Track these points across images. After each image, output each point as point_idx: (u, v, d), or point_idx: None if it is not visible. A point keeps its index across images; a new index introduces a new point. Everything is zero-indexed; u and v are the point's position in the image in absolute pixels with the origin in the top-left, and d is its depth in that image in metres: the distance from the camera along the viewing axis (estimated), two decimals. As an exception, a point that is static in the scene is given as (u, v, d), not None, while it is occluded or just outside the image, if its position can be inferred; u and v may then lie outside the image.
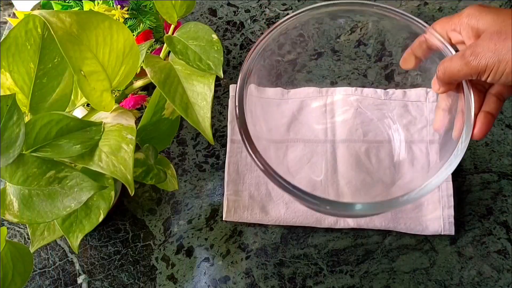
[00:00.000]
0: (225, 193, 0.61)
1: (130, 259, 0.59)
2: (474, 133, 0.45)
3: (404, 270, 0.58)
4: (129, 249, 0.59)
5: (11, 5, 0.74)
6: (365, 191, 0.61)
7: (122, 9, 0.58)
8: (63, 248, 0.59)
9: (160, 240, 0.60)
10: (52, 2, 0.60)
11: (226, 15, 0.74)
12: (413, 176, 0.59)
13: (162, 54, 0.48)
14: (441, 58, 0.47)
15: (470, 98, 0.47)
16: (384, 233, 0.59)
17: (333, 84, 0.66)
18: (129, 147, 0.40)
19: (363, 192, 0.61)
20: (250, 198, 0.61)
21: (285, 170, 0.62)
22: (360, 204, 0.47)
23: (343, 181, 0.61)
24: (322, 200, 0.47)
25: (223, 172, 0.63)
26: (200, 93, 0.44)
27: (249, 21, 0.73)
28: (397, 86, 0.64)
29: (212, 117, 0.62)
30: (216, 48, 0.45)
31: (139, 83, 0.47)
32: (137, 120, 0.53)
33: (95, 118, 0.44)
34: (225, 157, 0.63)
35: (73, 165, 0.42)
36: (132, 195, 0.42)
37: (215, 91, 0.68)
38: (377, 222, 0.58)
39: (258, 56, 0.53)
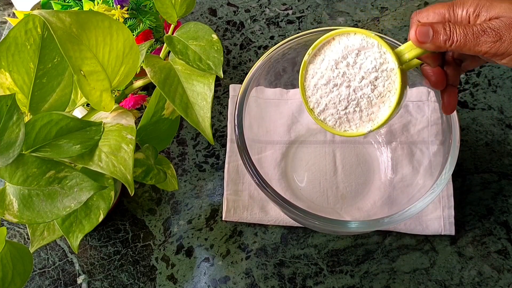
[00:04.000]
0: (225, 193, 0.61)
1: (130, 259, 0.59)
2: (445, 110, 0.46)
3: (404, 270, 0.58)
4: (129, 249, 0.59)
5: (11, 5, 0.74)
6: (365, 195, 0.61)
7: (122, 8, 0.57)
8: (63, 248, 0.59)
9: (160, 240, 0.60)
10: (51, 1, 0.60)
11: (226, 15, 0.74)
12: (414, 178, 0.59)
13: (162, 54, 0.48)
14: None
15: (457, 133, 0.50)
16: (384, 233, 0.59)
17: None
18: (129, 147, 0.40)
19: (362, 196, 0.61)
20: (250, 198, 0.61)
21: (282, 172, 0.62)
22: (354, 222, 0.48)
23: (343, 184, 0.61)
24: (315, 217, 0.48)
25: (223, 172, 0.62)
26: (200, 93, 0.44)
27: (249, 21, 0.73)
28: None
29: (212, 117, 0.62)
30: (216, 48, 0.45)
31: (139, 83, 0.47)
32: (137, 120, 0.53)
33: (95, 118, 0.44)
34: (225, 157, 0.63)
35: (73, 165, 0.42)
36: (132, 195, 0.42)
37: (215, 91, 0.67)
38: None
39: (258, 71, 0.55)
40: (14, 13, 0.65)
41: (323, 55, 0.45)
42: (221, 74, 0.44)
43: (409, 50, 0.42)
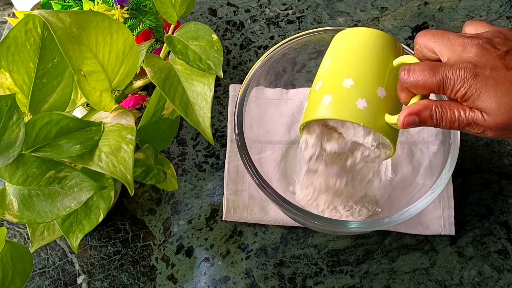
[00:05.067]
0: (225, 193, 0.61)
1: (130, 259, 0.59)
2: (400, 125, 0.46)
3: (404, 270, 0.58)
4: (129, 249, 0.59)
5: (11, 5, 0.74)
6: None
7: (122, 8, 0.57)
8: (63, 248, 0.59)
9: (160, 240, 0.60)
10: (51, 1, 0.60)
11: (226, 15, 0.74)
12: (414, 178, 0.59)
13: (162, 54, 0.48)
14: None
15: (457, 133, 0.51)
16: (384, 233, 0.59)
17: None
18: (129, 147, 0.40)
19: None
20: (250, 198, 0.61)
21: (282, 172, 0.62)
22: (354, 222, 0.49)
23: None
24: (314, 216, 0.48)
25: (223, 172, 0.62)
26: (200, 93, 0.44)
27: (249, 21, 0.73)
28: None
29: (212, 117, 0.62)
30: (216, 48, 0.45)
31: (139, 83, 0.47)
32: (137, 120, 0.53)
33: (95, 118, 0.44)
34: (225, 157, 0.63)
35: (73, 165, 0.42)
36: (132, 195, 0.42)
37: (215, 91, 0.67)
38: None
39: (258, 70, 0.55)
40: (14, 13, 0.65)
41: None
42: (221, 74, 0.44)
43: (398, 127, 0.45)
